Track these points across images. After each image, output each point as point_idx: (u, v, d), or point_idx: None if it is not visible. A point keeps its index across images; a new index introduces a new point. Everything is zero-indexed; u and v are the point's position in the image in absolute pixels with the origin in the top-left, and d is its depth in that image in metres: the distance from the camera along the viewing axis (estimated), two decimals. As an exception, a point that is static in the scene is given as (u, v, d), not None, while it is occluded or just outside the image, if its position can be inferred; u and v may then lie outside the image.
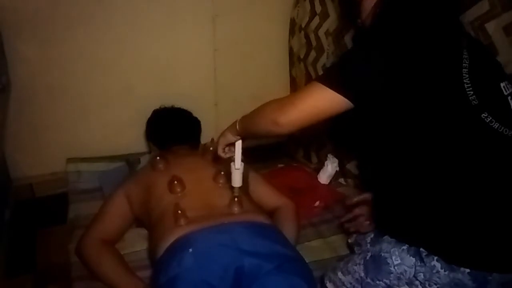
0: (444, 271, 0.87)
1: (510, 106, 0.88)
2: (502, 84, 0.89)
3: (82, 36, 1.60)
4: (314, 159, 1.89)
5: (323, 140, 1.82)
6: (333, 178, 1.75)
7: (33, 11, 1.50)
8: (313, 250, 1.41)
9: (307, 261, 1.14)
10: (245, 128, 1.12)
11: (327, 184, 1.74)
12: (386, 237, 1.01)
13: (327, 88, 0.88)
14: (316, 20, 1.69)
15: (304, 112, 0.93)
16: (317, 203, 1.64)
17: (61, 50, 1.59)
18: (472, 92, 0.84)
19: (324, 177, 1.74)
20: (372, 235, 1.12)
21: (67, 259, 1.32)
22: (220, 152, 1.22)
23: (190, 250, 1.03)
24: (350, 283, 1.04)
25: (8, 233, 1.50)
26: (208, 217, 1.14)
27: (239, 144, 1.18)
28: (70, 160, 1.72)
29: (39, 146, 1.71)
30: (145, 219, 1.31)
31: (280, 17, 1.89)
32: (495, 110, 0.85)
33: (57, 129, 1.71)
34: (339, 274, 1.07)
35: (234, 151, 1.19)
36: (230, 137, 1.18)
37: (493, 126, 0.84)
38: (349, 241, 1.32)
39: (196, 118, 1.65)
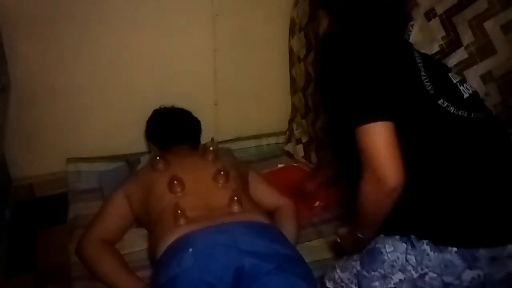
0: (434, 253, 0.90)
1: (460, 91, 1.00)
2: (449, 74, 1.03)
3: (81, 36, 1.60)
4: (314, 159, 1.89)
5: (323, 140, 1.82)
6: (333, 178, 1.75)
7: (33, 11, 1.50)
8: (313, 250, 1.41)
9: (307, 261, 1.15)
10: (368, 231, 1.03)
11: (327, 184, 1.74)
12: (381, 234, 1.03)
13: (365, 124, 0.88)
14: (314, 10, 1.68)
15: (391, 157, 0.87)
16: (317, 203, 1.63)
17: (61, 50, 1.59)
18: (429, 83, 0.96)
19: (324, 177, 1.74)
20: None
21: (67, 259, 1.32)
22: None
23: (190, 250, 1.03)
24: (348, 279, 1.05)
25: (8, 233, 1.50)
26: (208, 217, 1.15)
27: None
28: (70, 160, 1.72)
29: (39, 146, 1.71)
30: (145, 219, 1.31)
31: (280, 17, 1.89)
32: (449, 96, 0.96)
33: (57, 129, 1.71)
34: (338, 271, 1.08)
35: None
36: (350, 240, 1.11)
37: (450, 110, 0.95)
38: None
39: (196, 118, 1.65)
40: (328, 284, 1.11)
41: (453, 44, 1.23)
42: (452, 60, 1.23)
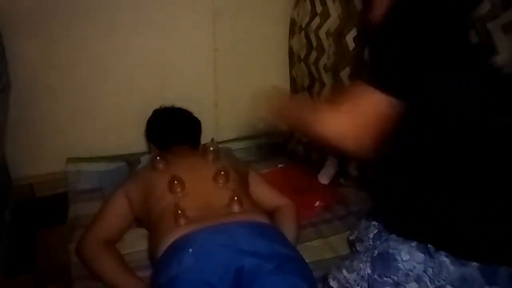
0: (454, 266, 0.88)
1: None
2: None
3: (82, 36, 1.60)
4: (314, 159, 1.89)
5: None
6: (333, 178, 1.75)
7: (33, 11, 1.50)
8: (313, 250, 1.41)
9: (307, 261, 1.14)
10: (292, 120, 1.02)
11: (327, 184, 1.74)
12: (392, 235, 1.01)
13: (374, 89, 0.82)
14: (317, 20, 1.69)
15: (356, 122, 0.84)
16: (317, 203, 1.63)
17: (61, 50, 1.59)
18: None
19: (324, 177, 1.74)
20: (375, 231, 1.12)
21: (67, 259, 1.32)
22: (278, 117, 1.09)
23: (190, 250, 1.03)
24: (355, 281, 1.04)
25: (8, 233, 1.50)
26: (208, 217, 1.15)
27: None
28: (70, 160, 1.72)
29: (39, 146, 1.71)
30: (145, 219, 1.31)
31: (280, 17, 1.89)
32: None
33: (57, 129, 1.71)
34: (344, 271, 1.07)
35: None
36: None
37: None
38: (350, 237, 1.32)
39: (196, 118, 1.65)
40: (332, 283, 1.10)
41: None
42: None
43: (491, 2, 1.14)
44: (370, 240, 1.10)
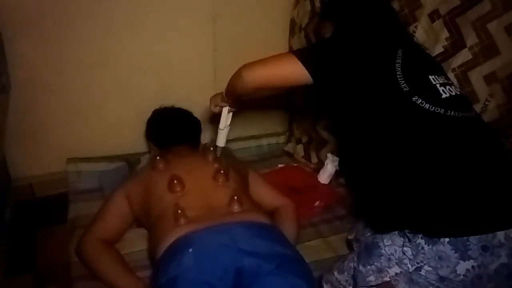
0: (428, 245, 0.92)
1: (439, 91, 1.04)
2: (430, 77, 1.06)
3: (82, 36, 1.60)
4: (314, 159, 1.89)
5: (323, 140, 1.82)
6: (333, 178, 1.75)
7: (33, 11, 1.50)
8: (313, 250, 1.41)
9: (307, 261, 1.14)
10: (227, 87, 1.29)
11: (327, 184, 1.74)
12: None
13: (297, 60, 1.07)
14: (317, 20, 1.69)
15: (269, 73, 1.13)
16: (317, 203, 1.64)
17: (61, 50, 1.59)
18: (403, 81, 1.02)
19: (324, 177, 1.74)
20: (373, 231, 1.13)
21: (67, 259, 1.32)
22: (212, 108, 1.44)
23: (190, 250, 1.03)
24: (346, 281, 1.06)
25: (8, 233, 1.50)
26: (208, 217, 1.15)
27: (225, 108, 1.40)
28: (70, 160, 1.72)
29: (39, 146, 1.71)
30: (145, 219, 1.31)
31: (280, 17, 1.89)
32: (424, 95, 1.01)
33: (57, 129, 1.71)
34: (335, 273, 1.09)
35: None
36: (218, 100, 1.39)
37: (424, 106, 1.00)
38: (349, 237, 1.32)
39: (196, 118, 1.65)
40: (326, 286, 1.11)
41: (456, 45, 1.24)
42: (457, 61, 1.24)
43: (491, 3, 1.14)
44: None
